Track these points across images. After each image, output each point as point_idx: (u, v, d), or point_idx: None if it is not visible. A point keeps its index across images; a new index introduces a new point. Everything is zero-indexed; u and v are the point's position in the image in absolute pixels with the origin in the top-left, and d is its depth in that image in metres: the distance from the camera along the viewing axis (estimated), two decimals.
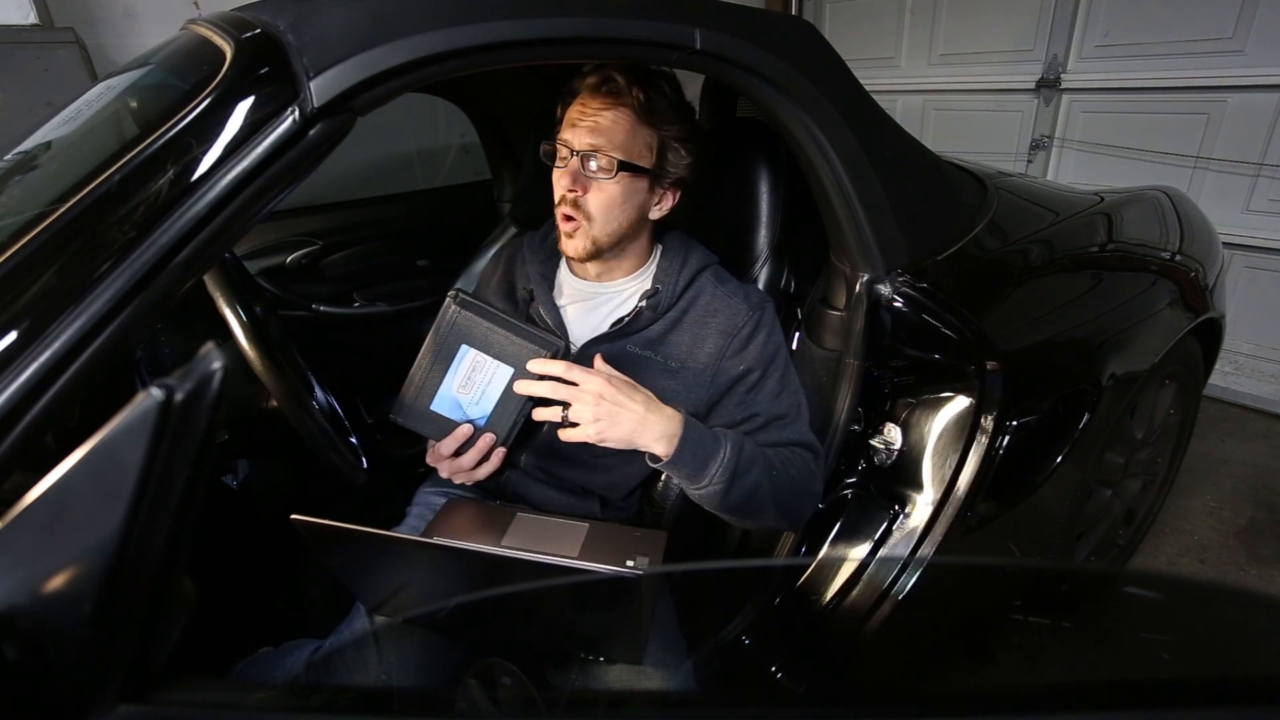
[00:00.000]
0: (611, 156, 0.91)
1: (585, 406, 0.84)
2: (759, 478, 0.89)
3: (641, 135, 0.93)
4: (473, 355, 0.91)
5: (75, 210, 0.57)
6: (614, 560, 0.87)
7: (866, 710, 0.45)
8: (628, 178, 0.93)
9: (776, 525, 0.96)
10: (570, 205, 0.93)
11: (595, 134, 0.91)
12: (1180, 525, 1.89)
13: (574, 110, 0.94)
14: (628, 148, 0.92)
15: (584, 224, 0.94)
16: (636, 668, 0.84)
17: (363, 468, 1.08)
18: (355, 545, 0.71)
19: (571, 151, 0.92)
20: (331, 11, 0.66)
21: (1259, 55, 2.21)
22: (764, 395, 0.98)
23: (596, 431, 0.84)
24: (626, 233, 0.98)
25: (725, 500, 0.87)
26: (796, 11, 3.41)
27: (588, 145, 0.92)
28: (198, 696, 0.44)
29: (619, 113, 0.92)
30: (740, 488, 0.87)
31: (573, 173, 0.92)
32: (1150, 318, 1.36)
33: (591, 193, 0.93)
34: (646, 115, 0.93)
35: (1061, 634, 1.00)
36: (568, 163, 0.93)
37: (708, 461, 0.86)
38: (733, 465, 0.86)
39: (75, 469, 0.35)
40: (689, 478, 0.87)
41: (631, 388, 0.86)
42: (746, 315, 0.99)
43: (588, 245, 0.95)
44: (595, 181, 0.93)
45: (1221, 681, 0.41)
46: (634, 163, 0.93)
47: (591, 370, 0.85)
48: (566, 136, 0.94)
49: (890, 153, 1.08)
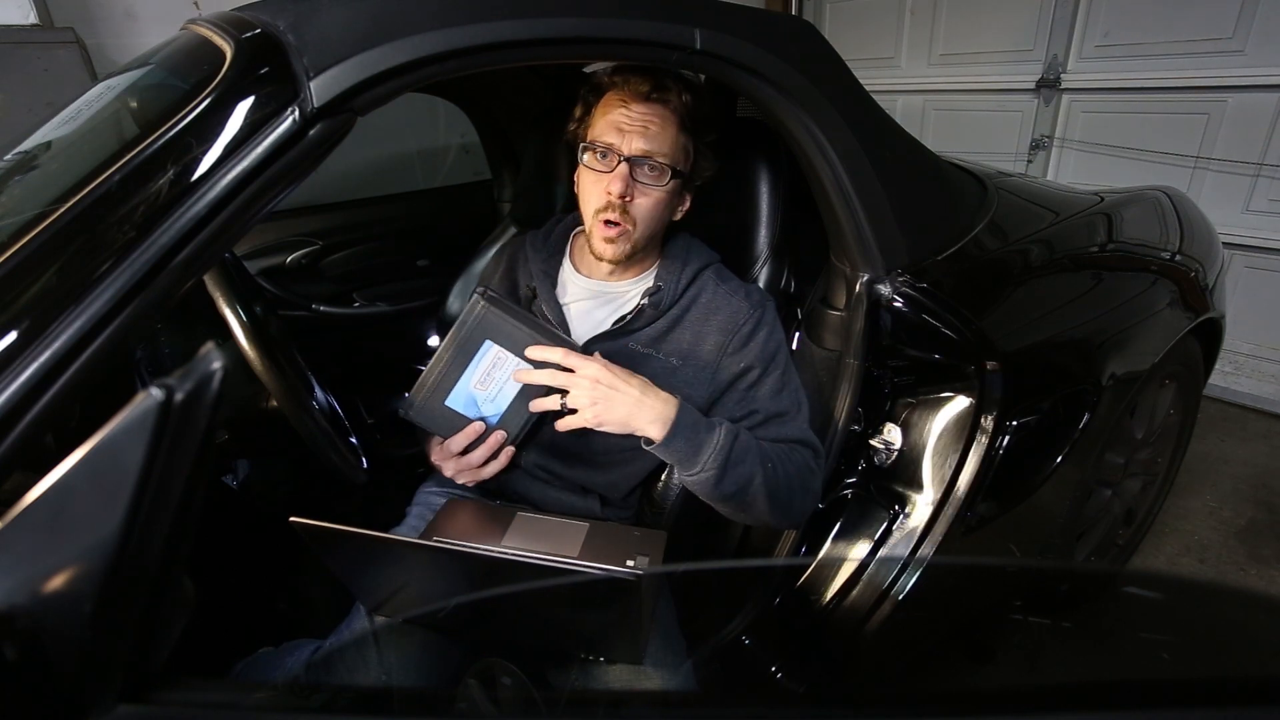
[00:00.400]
0: (664, 164, 0.92)
1: (582, 391, 0.86)
2: (752, 469, 0.89)
3: (682, 141, 0.94)
4: (495, 351, 0.92)
5: (75, 210, 0.57)
6: (614, 560, 0.87)
7: (866, 710, 0.45)
8: (670, 182, 0.94)
9: (773, 522, 0.96)
10: (618, 210, 0.92)
11: (647, 139, 0.91)
12: (1180, 525, 1.89)
13: (618, 112, 0.92)
14: (675, 154, 0.93)
15: (629, 228, 0.94)
16: (636, 668, 0.84)
17: (363, 468, 1.08)
18: (355, 547, 0.71)
19: (620, 157, 0.91)
20: (331, 11, 0.66)
21: (1259, 55, 2.21)
22: (764, 393, 0.98)
23: (594, 415, 0.85)
24: (658, 235, 1.00)
25: (718, 488, 0.88)
26: (796, 11, 3.41)
27: (641, 150, 0.91)
28: (198, 696, 0.44)
29: (667, 118, 0.92)
30: (734, 476, 0.88)
31: (623, 177, 0.91)
32: (1150, 318, 1.36)
33: (639, 198, 0.93)
34: (691, 122, 0.94)
35: (1061, 634, 1.00)
36: (614, 167, 0.91)
37: (701, 446, 0.87)
38: (725, 452, 0.87)
39: (75, 469, 0.35)
40: (682, 462, 0.88)
41: (627, 373, 0.87)
42: (748, 313, 0.99)
43: (628, 249, 0.96)
44: (642, 186, 0.93)
45: (1221, 681, 0.41)
46: (679, 168, 0.94)
47: (588, 356, 0.87)
48: (612, 140, 0.92)
49: (890, 153, 1.08)
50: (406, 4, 0.68)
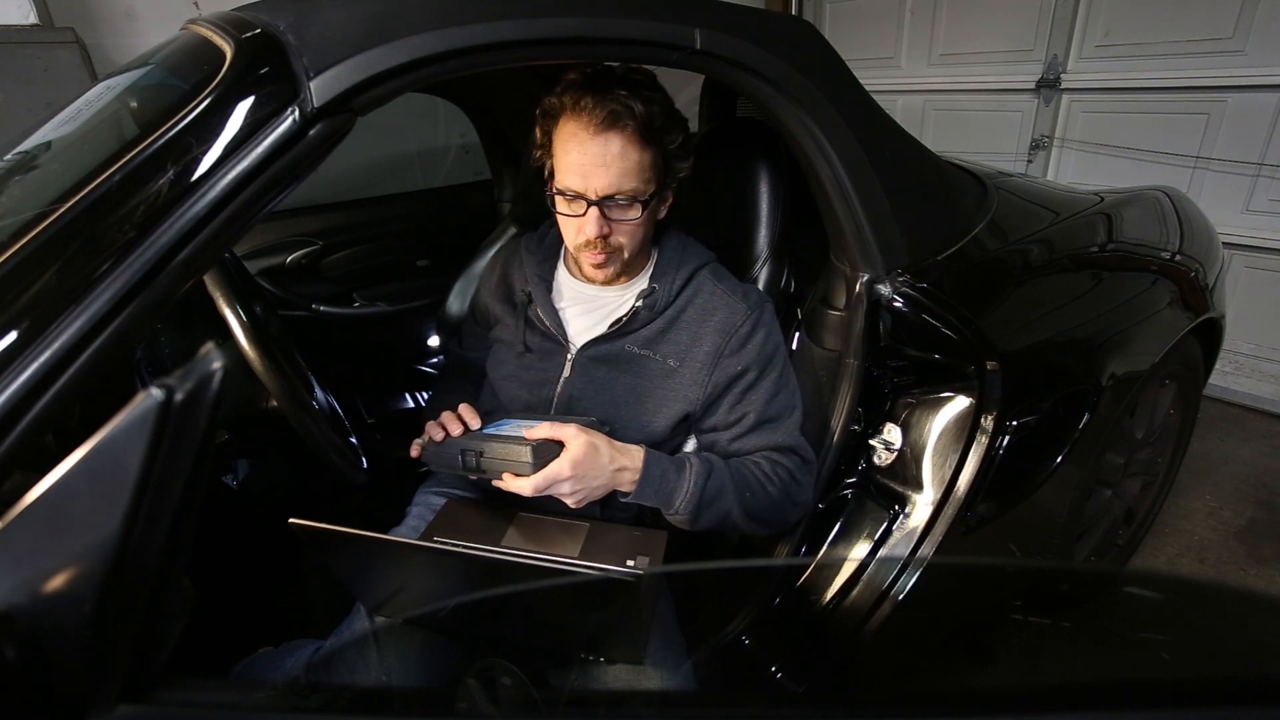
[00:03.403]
0: (632, 197, 0.90)
1: (567, 499, 0.88)
2: (728, 505, 0.92)
3: (648, 157, 0.90)
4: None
5: (75, 210, 0.57)
6: (614, 560, 0.87)
7: (866, 710, 0.45)
8: (649, 206, 0.93)
9: (760, 534, 1.01)
10: (599, 247, 0.93)
11: (610, 176, 0.88)
12: (1180, 525, 1.89)
13: (574, 152, 0.87)
14: (642, 178, 0.90)
15: (616, 253, 0.95)
16: (636, 668, 0.84)
17: (363, 468, 1.09)
18: (354, 548, 0.71)
19: (588, 201, 0.89)
20: (331, 11, 0.66)
21: (1259, 55, 2.21)
22: (759, 396, 0.98)
23: (578, 501, 0.89)
24: (645, 243, 1.00)
25: (694, 526, 0.93)
26: (796, 11, 3.41)
27: (606, 189, 0.88)
28: (198, 696, 0.44)
29: (627, 142, 0.87)
30: (709, 516, 0.92)
31: (596, 221, 0.90)
32: (1150, 318, 1.36)
33: (619, 230, 0.93)
34: (649, 133, 0.89)
35: (1061, 634, 1.00)
36: (585, 212, 0.90)
37: (671, 495, 0.91)
38: (696, 499, 0.90)
39: (75, 469, 0.35)
40: (658, 505, 0.92)
41: (587, 441, 0.86)
42: (745, 314, 0.99)
43: (619, 269, 0.98)
44: (617, 222, 0.92)
45: (1221, 681, 0.41)
46: (651, 192, 0.92)
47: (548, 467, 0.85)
48: (574, 185, 0.89)
49: (890, 153, 1.07)
50: (406, 4, 0.68)
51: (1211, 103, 2.35)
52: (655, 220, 0.99)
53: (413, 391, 1.84)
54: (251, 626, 1.01)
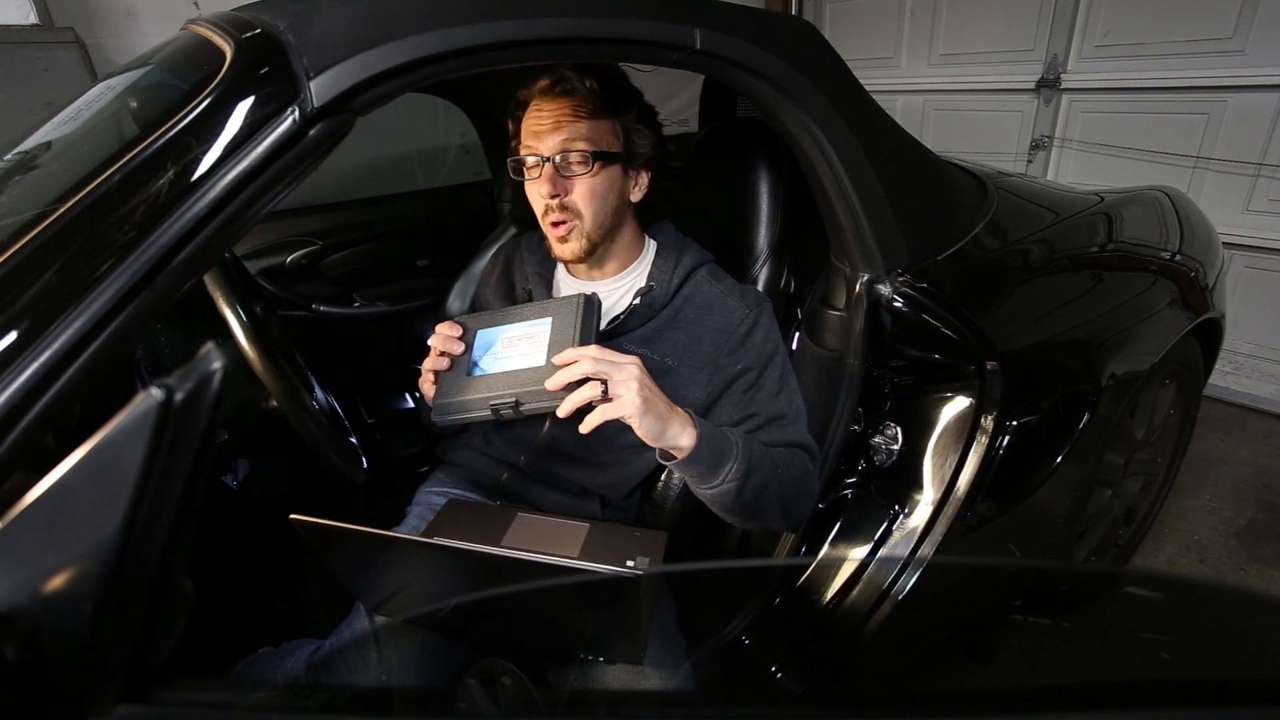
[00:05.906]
0: (584, 150, 0.91)
1: (627, 384, 0.78)
2: (768, 476, 0.88)
3: (603, 124, 0.93)
4: (545, 327, 0.90)
5: (75, 210, 0.57)
6: (614, 560, 0.87)
7: (866, 710, 0.45)
8: (603, 166, 0.93)
9: (777, 526, 0.96)
10: (557, 210, 0.93)
11: (560, 133, 0.91)
12: (1180, 525, 1.89)
13: (531, 118, 0.93)
14: (595, 138, 0.92)
15: (575, 222, 0.94)
16: (636, 668, 0.84)
17: (363, 468, 1.09)
18: (355, 545, 0.71)
19: (542, 159, 0.92)
20: (331, 11, 0.66)
21: (1259, 55, 2.21)
22: (763, 395, 0.97)
23: (636, 407, 0.77)
24: (614, 221, 0.98)
25: (738, 499, 0.86)
26: (796, 11, 3.41)
27: (559, 146, 0.91)
28: (198, 696, 0.44)
29: (578, 105, 0.92)
30: (752, 485, 0.86)
31: (550, 178, 0.91)
32: (1150, 318, 1.36)
33: (575, 191, 0.93)
34: (603, 103, 0.93)
35: (1061, 634, 1.00)
36: (541, 169, 0.92)
37: (723, 459, 0.84)
38: (746, 463, 0.85)
39: (75, 469, 0.35)
40: (702, 475, 0.85)
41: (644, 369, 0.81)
42: (743, 314, 0.99)
43: (583, 244, 0.95)
44: (575, 179, 0.93)
45: (1221, 681, 0.41)
46: (606, 150, 0.93)
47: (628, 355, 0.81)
48: (532, 144, 0.93)
49: (890, 153, 1.07)
50: (407, 4, 0.68)
51: (1211, 103, 2.35)
52: (625, 197, 0.98)
53: (413, 391, 1.84)
54: (251, 626, 1.01)
